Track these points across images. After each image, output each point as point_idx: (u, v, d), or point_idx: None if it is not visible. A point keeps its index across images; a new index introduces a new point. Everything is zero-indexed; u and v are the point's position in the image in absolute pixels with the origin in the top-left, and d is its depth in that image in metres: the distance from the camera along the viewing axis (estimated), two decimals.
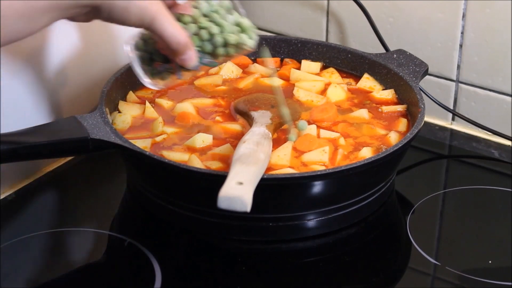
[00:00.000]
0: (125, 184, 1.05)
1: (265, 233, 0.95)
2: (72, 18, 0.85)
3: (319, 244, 0.96)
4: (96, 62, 1.13)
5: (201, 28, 0.91)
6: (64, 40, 1.07)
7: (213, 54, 0.93)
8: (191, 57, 0.90)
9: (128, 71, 1.09)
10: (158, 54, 0.92)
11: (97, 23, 0.92)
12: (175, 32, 0.86)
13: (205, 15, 0.92)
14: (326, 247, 0.96)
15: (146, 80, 0.94)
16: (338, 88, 1.12)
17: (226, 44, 0.92)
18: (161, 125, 1.03)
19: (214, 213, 0.91)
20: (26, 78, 1.03)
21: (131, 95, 1.09)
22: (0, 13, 0.77)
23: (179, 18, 0.91)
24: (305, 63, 1.18)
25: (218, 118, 1.06)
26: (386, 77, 1.13)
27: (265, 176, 0.86)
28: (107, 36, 1.14)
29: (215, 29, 0.91)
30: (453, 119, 1.24)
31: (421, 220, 1.01)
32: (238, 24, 0.94)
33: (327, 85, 1.13)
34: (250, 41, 0.94)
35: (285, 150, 0.98)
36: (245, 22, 0.94)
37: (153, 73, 0.94)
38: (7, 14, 0.77)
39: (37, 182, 1.06)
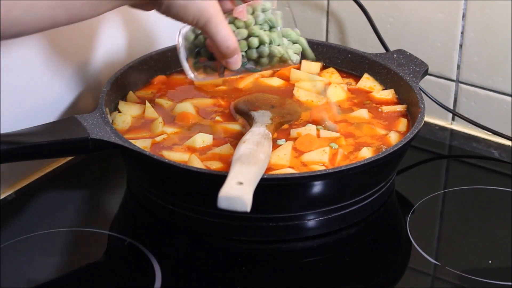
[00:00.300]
0: (125, 184, 1.05)
1: (265, 233, 0.95)
2: (133, 5, 0.89)
3: (319, 244, 0.96)
4: (96, 61, 1.13)
5: (251, 35, 0.93)
6: (65, 40, 1.07)
7: (257, 62, 0.95)
8: (237, 61, 0.93)
9: (128, 71, 1.09)
10: (205, 50, 0.95)
11: (99, 22, 0.92)
12: (226, 36, 0.89)
13: (257, 23, 0.95)
14: (326, 247, 0.96)
15: (189, 72, 0.97)
16: (338, 88, 1.12)
17: (271, 55, 0.94)
18: (161, 125, 1.03)
19: (214, 213, 0.91)
20: (26, 78, 1.03)
21: (131, 95, 1.09)
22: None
23: (232, 21, 0.94)
24: (305, 63, 1.17)
25: (218, 118, 1.06)
26: (386, 77, 1.13)
27: (265, 176, 0.86)
28: (107, 35, 1.13)
29: (265, 38, 0.93)
30: (453, 119, 1.24)
31: (421, 220, 1.01)
32: (293, 40, 0.97)
33: (327, 85, 1.13)
34: (295, 57, 0.97)
35: (285, 150, 0.98)
36: (300, 40, 0.97)
37: (196, 66, 0.97)
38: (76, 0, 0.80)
39: (37, 182, 1.06)
